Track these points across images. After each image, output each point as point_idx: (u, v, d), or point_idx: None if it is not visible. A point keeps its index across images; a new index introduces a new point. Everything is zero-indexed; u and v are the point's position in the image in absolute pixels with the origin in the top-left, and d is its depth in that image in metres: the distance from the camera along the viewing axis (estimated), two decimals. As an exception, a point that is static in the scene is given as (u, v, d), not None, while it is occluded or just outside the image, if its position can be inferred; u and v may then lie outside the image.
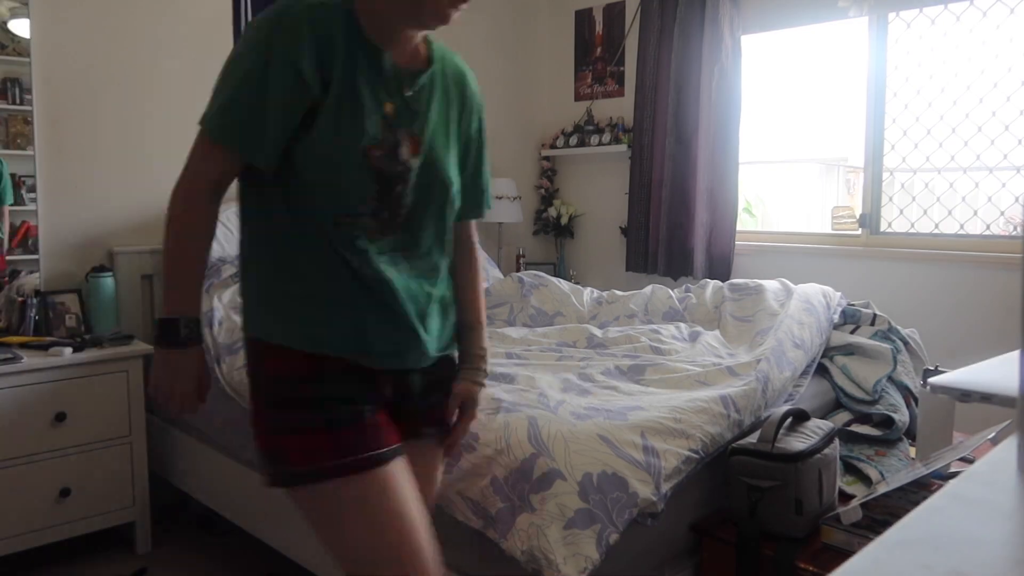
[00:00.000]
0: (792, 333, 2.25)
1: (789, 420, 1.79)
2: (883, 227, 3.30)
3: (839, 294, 2.62)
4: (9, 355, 2.40)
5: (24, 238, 2.76)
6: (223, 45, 3.20)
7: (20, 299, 2.66)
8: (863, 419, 2.18)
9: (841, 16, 3.23)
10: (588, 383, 2.01)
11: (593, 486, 1.46)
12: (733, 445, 1.73)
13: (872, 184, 3.29)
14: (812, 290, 2.56)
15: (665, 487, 1.53)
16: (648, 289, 2.94)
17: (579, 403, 1.79)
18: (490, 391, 1.87)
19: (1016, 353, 0.67)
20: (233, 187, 1.32)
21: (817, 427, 1.79)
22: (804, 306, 2.41)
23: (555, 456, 1.51)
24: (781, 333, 2.24)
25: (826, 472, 1.72)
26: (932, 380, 0.75)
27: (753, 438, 1.74)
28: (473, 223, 1.47)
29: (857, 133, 3.32)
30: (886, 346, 2.35)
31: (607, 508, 1.43)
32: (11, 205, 2.73)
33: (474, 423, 1.46)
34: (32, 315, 2.65)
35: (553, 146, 4.29)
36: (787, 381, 2.07)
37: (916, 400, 2.22)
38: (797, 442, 1.70)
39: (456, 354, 1.43)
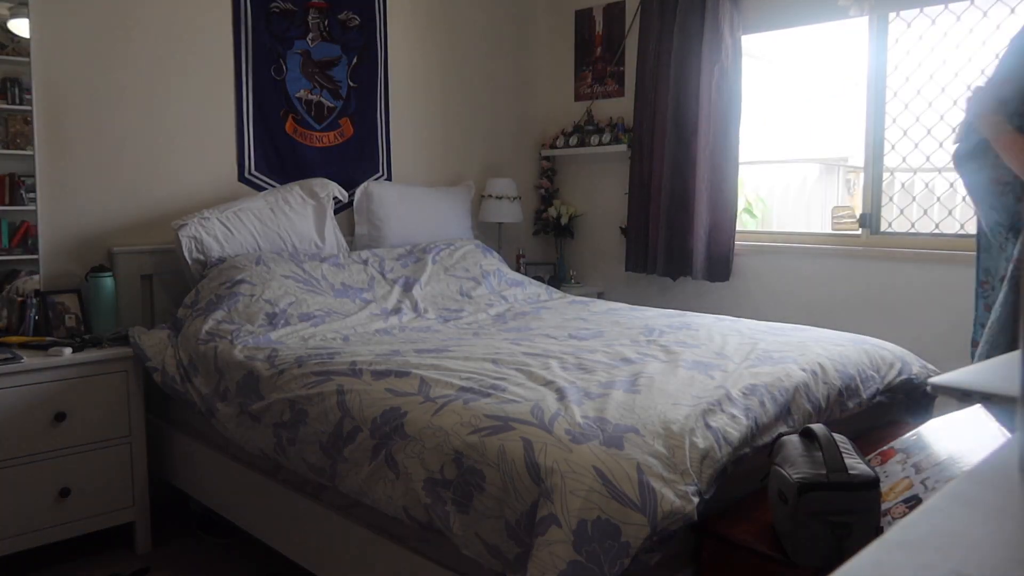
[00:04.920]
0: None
1: (846, 442, 1.64)
2: (883, 227, 3.29)
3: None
4: (9, 355, 2.40)
5: (24, 238, 2.76)
6: (223, 44, 3.20)
7: (20, 299, 2.66)
8: None
9: (841, 16, 3.23)
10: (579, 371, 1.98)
11: (587, 534, 1.42)
12: (802, 483, 1.51)
13: (872, 184, 3.29)
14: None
15: (663, 524, 1.47)
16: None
17: (575, 412, 1.73)
18: (481, 404, 1.79)
19: (1016, 353, 0.67)
20: (230, 189, 1.31)
21: (843, 441, 1.69)
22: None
23: (552, 497, 1.47)
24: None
25: None
26: (933, 380, 0.75)
27: (805, 468, 1.55)
28: None
29: (857, 133, 3.32)
30: None
31: (599, 560, 1.40)
32: (11, 205, 2.73)
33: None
34: (32, 315, 2.65)
35: (553, 146, 4.29)
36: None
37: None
38: (854, 462, 1.57)
39: None
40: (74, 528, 2.51)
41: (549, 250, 4.43)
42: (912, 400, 2.50)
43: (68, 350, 2.50)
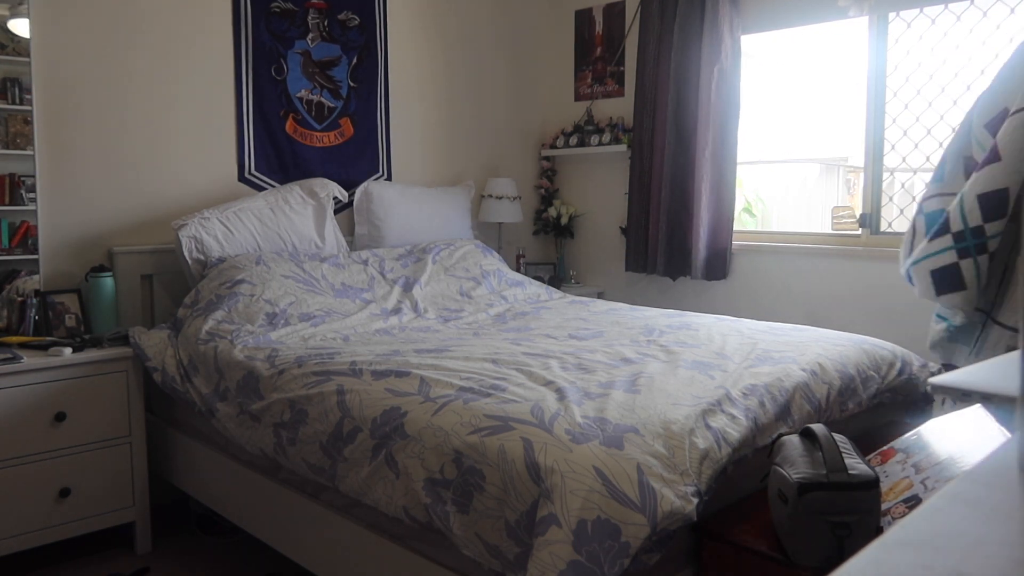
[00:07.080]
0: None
1: (846, 442, 1.64)
2: (883, 227, 3.30)
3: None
4: (9, 355, 2.40)
5: (24, 238, 2.76)
6: (223, 44, 3.20)
7: (20, 299, 2.66)
8: None
9: (841, 16, 3.23)
10: (581, 371, 1.99)
11: (587, 534, 1.41)
12: (802, 483, 1.51)
13: (872, 184, 3.29)
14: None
15: (663, 525, 1.47)
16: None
17: (575, 412, 1.72)
18: (481, 404, 1.79)
19: (1016, 353, 0.68)
20: (230, 189, 1.31)
21: (843, 441, 1.68)
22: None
23: (552, 497, 1.47)
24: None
25: None
26: (933, 380, 0.75)
27: (805, 468, 1.54)
28: None
29: (857, 133, 3.32)
30: None
31: (600, 560, 1.40)
32: (11, 205, 2.73)
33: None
34: (32, 315, 2.65)
35: (553, 146, 4.29)
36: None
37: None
38: (854, 462, 1.56)
39: None
40: (74, 528, 2.51)
41: (549, 250, 4.43)
42: (912, 400, 2.50)
43: (68, 350, 2.50)
